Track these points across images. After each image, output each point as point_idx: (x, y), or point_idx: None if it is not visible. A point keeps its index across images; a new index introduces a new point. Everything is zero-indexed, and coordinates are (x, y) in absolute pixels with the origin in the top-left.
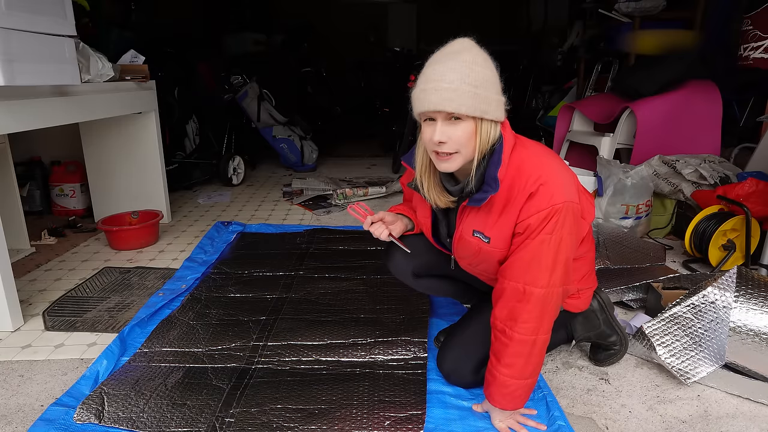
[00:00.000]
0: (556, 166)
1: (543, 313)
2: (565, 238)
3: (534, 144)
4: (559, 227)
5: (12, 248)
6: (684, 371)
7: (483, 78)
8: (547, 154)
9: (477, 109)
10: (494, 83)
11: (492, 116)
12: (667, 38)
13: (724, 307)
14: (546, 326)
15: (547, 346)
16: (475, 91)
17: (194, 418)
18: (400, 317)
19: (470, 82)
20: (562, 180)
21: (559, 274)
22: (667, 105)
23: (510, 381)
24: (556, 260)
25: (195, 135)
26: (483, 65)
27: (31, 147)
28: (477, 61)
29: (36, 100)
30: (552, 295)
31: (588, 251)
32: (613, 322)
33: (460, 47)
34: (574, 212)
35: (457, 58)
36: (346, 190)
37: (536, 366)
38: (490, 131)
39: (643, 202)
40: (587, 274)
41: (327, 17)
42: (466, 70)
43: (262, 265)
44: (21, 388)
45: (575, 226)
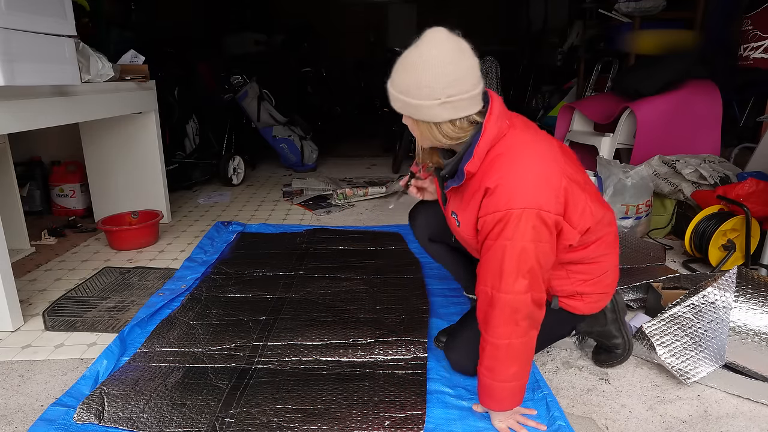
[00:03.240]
0: (532, 168)
1: (513, 318)
2: (528, 247)
3: (530, 140)
4: (519, 234)
5: (12, 248)
6: (684, 371)
7: (409, 83)
8: (533, 154)
9: (406, 111)
10: (422, 89)
11: (422, 117)
12: (667, 38)
13: (724, 307)
14: (520, 330)
15: (527, 350)
16: (400, 97)
17: (194, 418)
18: (400, 317)
19: (397, 86)
20: (529, 184)
21: (524, 282)
22: (667, 105)
23: (493, 384)
24: (519, 268)
25: (195, 135)
26: (414, 69)
27: (31, 147)
28: (407, 64)
29: (36, 100)
30: (519, 302)
31: (594, 258)
32: (622, 326)
33: (416, 44)
34: (539, 220)
35: (402, 60)
36: (346, 190)
37: (519, 369)
38: (433, 130)
39: (643, 202)
40: (594, 279)
41: (327, 17)
42: (399, 72)
43: (262, 265)
44: (21, 388)
45: (541, 234)
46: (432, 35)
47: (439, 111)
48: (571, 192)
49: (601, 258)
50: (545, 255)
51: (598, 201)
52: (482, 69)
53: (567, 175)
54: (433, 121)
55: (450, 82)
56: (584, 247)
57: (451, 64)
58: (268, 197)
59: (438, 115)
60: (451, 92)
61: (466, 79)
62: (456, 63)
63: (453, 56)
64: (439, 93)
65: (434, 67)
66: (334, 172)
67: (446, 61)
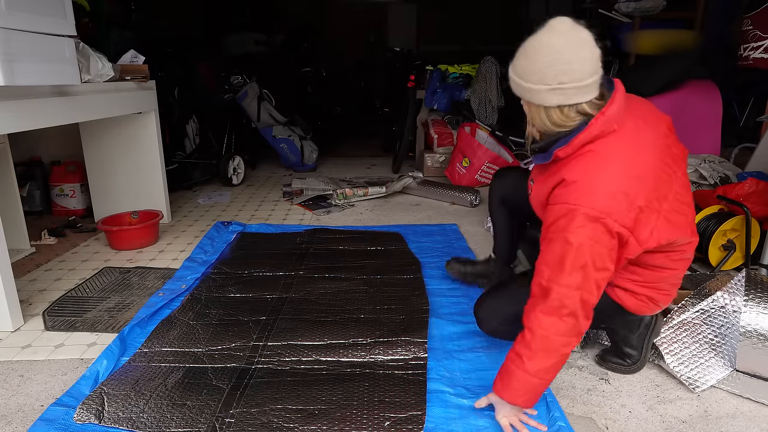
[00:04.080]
0: (614, 178)
1: (558, 311)
2: (585, 244)
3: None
4: (580, 232)
5: (12, 248)
6: (693, 379)
7: (524, 67)
8: (622, 164)
9: (519, 93)
10: (534, 74)
11: (533, 100)
12: (667, 38)
13: (734, 311)
14: (561, 327)
15: (561, 351)
16: (516, 79)
17: (194, 419)
18: (400, 317)
19: (513, 69)
20: (604, 190)
21: (577, 277)
22: (667, 105)
23: (516, 371)
24: (574, 264)
25: (195, 135)
26: (531, 55)
27: (31, 147)
28: (527, 49)
29: (36, 100)
30: (568, 296)
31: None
32: (646, 342)
33: (542, 30)
34: (603, 226)
35: (527, 47)
36: (346, 190)
37: (546, 367)
38: (541, 113)
39: None
40: (645, 283)
41: (327, 17)
42: (517, 57)
43: (262, 265)
44: (21, 388)
45: (602, 238)
46: (553, 24)
47: (549, 96)
48: (645, 213)
49: (660, 270)
50: (601, 257)
51: (673, 227)
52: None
53: (646, 196)
54: (543, 104)
55: (563, 70)
56: (647, 267)
57: (565, 53)
58: (268, 197)
59: (547, 100)
60: (563, 79)
61: (580, 69)
62: (571, 52)
63: (569, 46)
64: (551, 79)
65: (549, 54)
66: (334, 172)
67: (562, 49)
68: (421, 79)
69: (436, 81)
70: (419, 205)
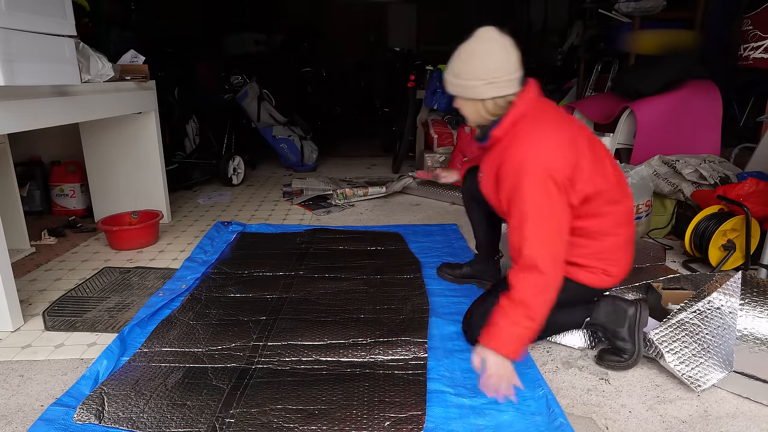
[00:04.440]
0: (545, 135)
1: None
2: (539, 200)
3: (552, 119)
4: (530, 189)
5: (12, 248)
6: (694, 378)
7: (460, 68)
8: (550, 126)
9: (459, 92)
10: (471, 72)
11: (469, 96)
12: (667, 38)
13: (730, 312)
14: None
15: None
16: (455, 80)
17: (194, 419)
18: (400, 317)
19: (450, 71)
20: (540, 150)
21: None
22: (667, 105)
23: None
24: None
25: (195, 135)
26: (465, 58)
27: (31, 147)
28: (461, 54)
29: (36, 100)
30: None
31: (594, 233)
32: (637, 334)
33: (470, 39)
34: (546, 178)
35: (456, 51)
36: (346, 190)
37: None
38: (478, 106)
39: (643, 202)
40: (594, 254)
41: (327, 17)
42: (453, 61)
43: (262, 265)
44: (21, 388)
45: (549, 189)
46: (482, 32)
47: (485, 89)
48: (577, 158)
49: (602, 236)
50: (556, 208)
51: (602, 175)
52: None
53: (578, 153)
54: (480, 98)
55: (494, 68)
56: (585, 218)
57: (494, 54)
58: (268, 197)
59: (483, 93)
60: (495, 75)
61: (506, 67)
62: (498, 54)
63: (497, 48)
64: (486, 75)
65: (482, 55)
66: (334, 172)
67: (491, 51)
68: (421, 79)
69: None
70: (419, 205)
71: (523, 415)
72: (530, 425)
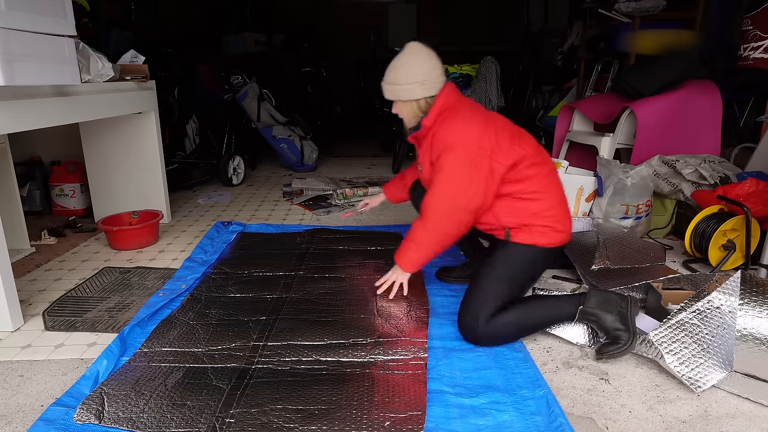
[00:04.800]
0: (465, 120)
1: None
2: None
3: (468, 108)
4: (458, 157)
5: (12, 248)
6: (694, 380)
7: (398, 75)
8: (467, 114)
9: (396, 96)
10: (407, 77)
11: (405, 98)
12: (667, 38)
13: (729, 312)
14: (433, 221)
15: (438, 235)
16: (392, 87)
17: (194, 419)
18: (400, 317)
19: (389, 80)
20: (462, 127)
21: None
22: (667, 105)
23: (406, 243)
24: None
25: (195, 135)
26: (401, 66)
27: (31, 147)
28: (397, 64)
29: (36, 100)
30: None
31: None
32: (629, 320)
33: (400, 53)
34: (472, 148)
35: (391, 64)
36: (346, 190)
37: (423, 243)
38: (413, 105)
39: (643, 202)
40: (536, 213)
41: (327, 17)
42: (390, 72)
43: (262, 265)
44: (21, 388)
45: (471, 158)
46: (412, 45)
47: (418, 90)
48: (496, 137)
49: (537, 195)
50: (473, 170)
51: (521, 146)
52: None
53: (494, 127)
54: (415, 98)
55: (424, 72)
56: (518, 182)
57: (423, 61)
58: (268, 197)
59: (418, 93)
60: (425, 77)
61: (433, 71)
62: (425, 61)
63: (425, 58)
64: (417, 77)
65: (413, 63)
66: (334, 172)
67: (420, 59)
68: None
69: None
70: None
71: (523, 415)
72: (530, 425)
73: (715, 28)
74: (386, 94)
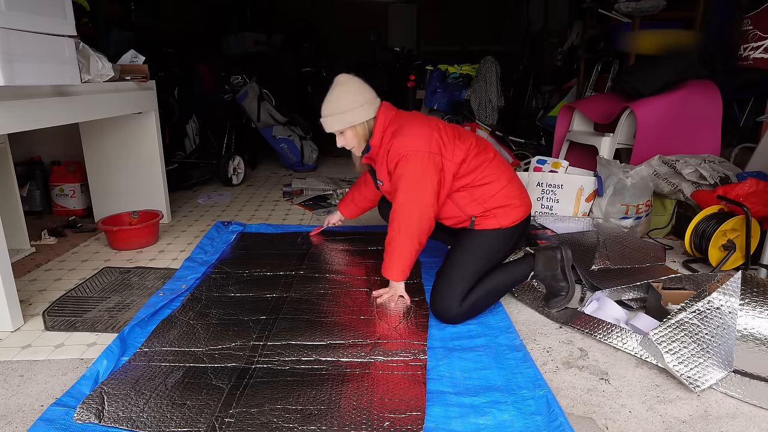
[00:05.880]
0: (414, 129)
1: (407, 218)
2: (418, 171)
3: (410, 119)
4: (412, 163)
5: (12, 248)
6: (693, 379)
7: (341, 104)
8: (410, 124)
9: (345, 125)
10: (351, 102)
11: (358, 121)
12: (667, 38)
13: (729, 312)
14: (405, 224)
15: (418, 242)
16: (338, 118)
17: (194, 418)
18: (400, 317)
19: (334, 111)
20: (410, 139)
21: (414, 194)
22: (667, 105)
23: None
24: (411, 187)
25: (195, 135)
26: (341, 95)
27: (31, 147)
28: (335, 95)
29: (36, 100)
30: (410, 211)
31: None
32: (567, 273)
33: (332, 88)
34: (423, 154)
35: (329, 98)
36: (346, 190)
37: (407, 253)
38: (365, 127)
39: (643, 202)
40: (495, 196)
41: (327, 17)
42: (332, 104)
43: (262, 264)
44: (21, 388)
45: (427, 164)
46: (341, 78)
47: (360, 113)
48: (441, 139)
49: (491, 179)
50: (429, 177)
51: (463, 143)
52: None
53: (437, 130)
54: (356, 122)
55: (358, 98)
56: (470, 173)
57: (356, 88)
58: (268, 197)
59: (358, 118)
60: (361, 102)
61: (368, 94)
62: (358, 87)
63: (356, 84)
64: (357, 103)
65: (348, 91)
66: (334, 172)
67: (353, 87)
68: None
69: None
70: None
71: (523, 415)
72: (530, 425)
73: (715, 28)
74: (330, 126)
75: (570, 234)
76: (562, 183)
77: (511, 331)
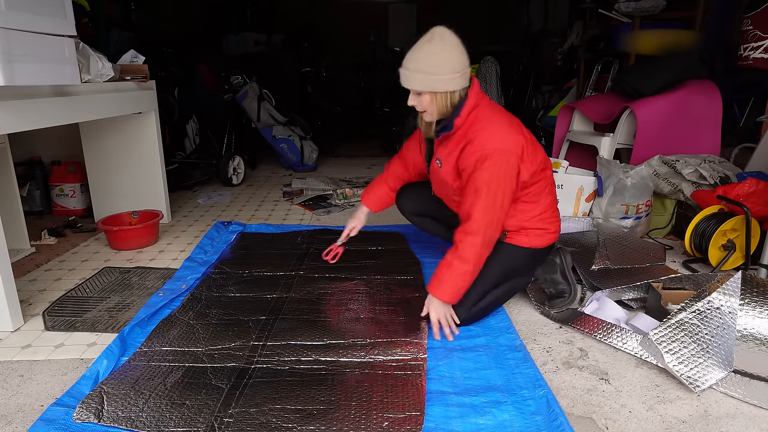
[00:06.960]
0: (499, 126)
1: (477, 230)
2: (497, 175)
3: (497, 111)
4: (493, 165)
5: (12, 248)
6: (693, 379)
7: (435, 64)
8: (499, 119)
9: (429, 87)
10: (447, 66)
11: (443, 89)
12: (667, 38)
13: (729, 312)
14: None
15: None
16: (425, 76)
17: (193, 418)
18: (400, 317)
19: (424, 69)
20: (498, 135)
21: (489, 203)
22: (667, 105)
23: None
24: (488, 192)
25: (195, 135)
26: (439, 53)
27: (31, 147)
28: (434, 50)
29: (36, 100)
30: (484, 219)
31: (535, 197)
32: (568, 275)
33: (429, 37)
34: (506, 155)
35: (421, 50)
36: (346, 190)
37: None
38: (447, 98)
39: (643, 202)
40: (536, 216)
41: (327, 17)
42: (423, 58)
43: (262, 265)
44: (21, 388)
45: (507, 169)
46: (442, 32)
47: (458, 81)
48: (525, 143)
49: (540, 198)
50: (508, 182)
51: (538, 153)
52: (482, 69)
53: (523, 134)
54: (452, 89)
55: (463, 61)
56: (528, 186)
57: (459, 50)
58: (268, 197)
59: (457, 85)
60: (464, 67)
61: (467, 61)
62: (461, 50)
63: (459, 45)
64: (458, 67)
65: (451, 50)
66: (334, 172)
67: (457, 46)
68: None
69: None
70: None
71: (523, 415)
72: (530, 425)
73: (715, 28)
74: (413, 83)
75: (570, 234)
76: (562, 183)
77: (511, 332)
